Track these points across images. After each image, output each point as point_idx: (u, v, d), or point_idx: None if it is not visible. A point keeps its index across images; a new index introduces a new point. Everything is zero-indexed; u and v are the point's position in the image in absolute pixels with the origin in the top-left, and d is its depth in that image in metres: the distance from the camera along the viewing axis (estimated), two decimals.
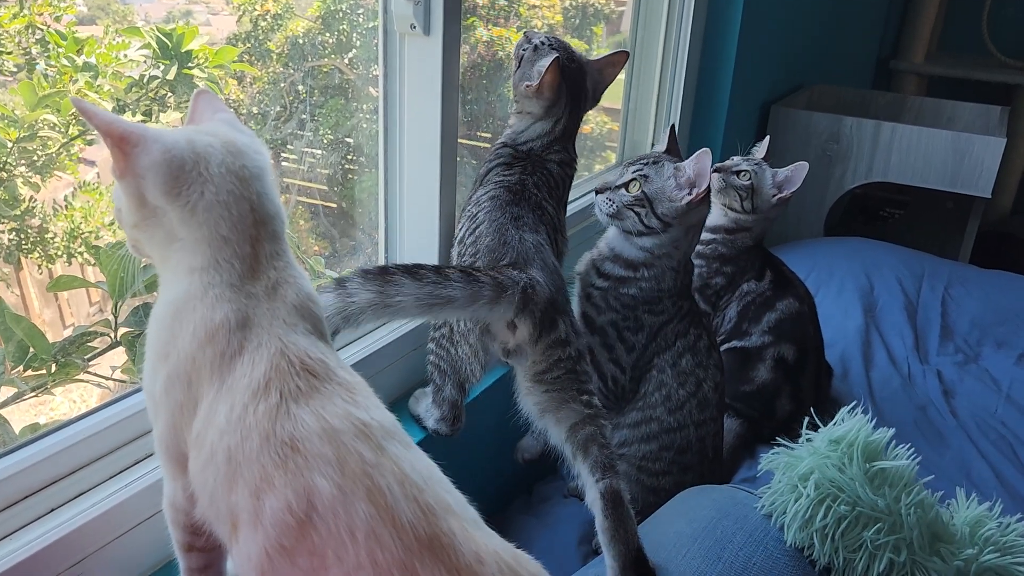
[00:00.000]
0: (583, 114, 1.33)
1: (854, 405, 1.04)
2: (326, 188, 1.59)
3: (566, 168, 1.30)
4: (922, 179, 2.54)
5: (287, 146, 1.51)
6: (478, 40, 1.89)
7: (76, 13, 1.21)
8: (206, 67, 1.31)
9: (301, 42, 1.50)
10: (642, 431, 1.28)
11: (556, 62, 1.23)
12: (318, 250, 1.63)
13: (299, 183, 1.56)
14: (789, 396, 1.56)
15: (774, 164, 1.60)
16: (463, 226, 1.21)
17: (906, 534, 0.93)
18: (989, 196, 2.50)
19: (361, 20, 1.50)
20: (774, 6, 2.49)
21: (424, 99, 1.30)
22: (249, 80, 1.46)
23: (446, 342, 1.17)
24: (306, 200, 1.58)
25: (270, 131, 1.46)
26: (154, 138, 0.73)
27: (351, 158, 1.59)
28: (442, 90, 1.28)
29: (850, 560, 0.94)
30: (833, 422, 1.02)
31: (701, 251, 1.58)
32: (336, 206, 1.62)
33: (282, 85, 1.49)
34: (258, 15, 1.46)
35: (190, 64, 1.29)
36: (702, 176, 1.19)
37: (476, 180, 1.29)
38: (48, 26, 1.17)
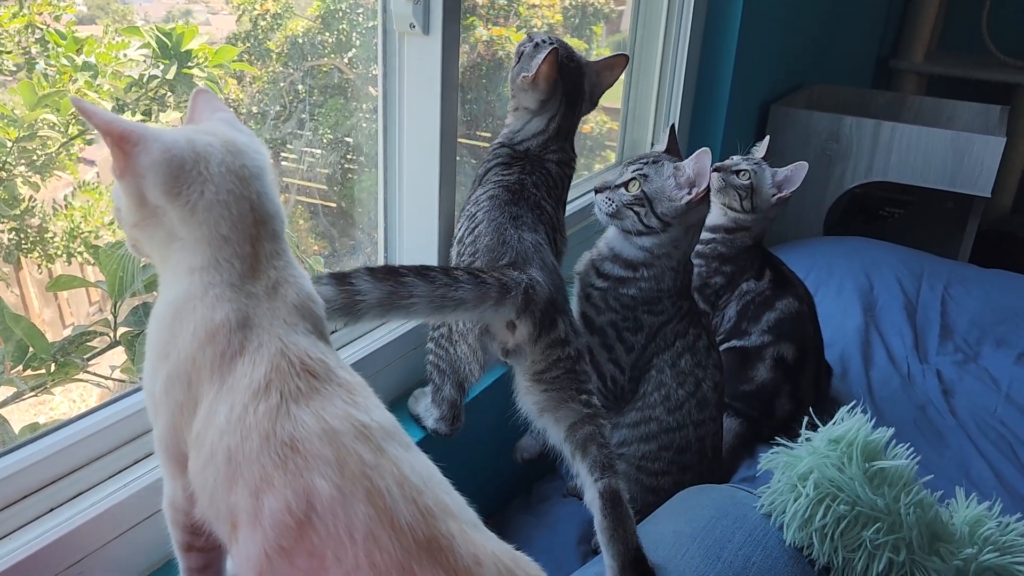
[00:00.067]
0: (580, 115, 1.32)
1: (853, 405, 1.04)
2: (325, 187, 1.59)
3: (564, 167, 1.30)
4: (922, 178, 2.54)
5: (287, 146, 1.51)
6: (478, 40, 1.89)
7: (76, 12, 1.20)
8: (206, 67, 1.31)
9: (301, 41, 1.50)
10: (641, 431, 1.28)
11: (553, 53, 1.23)
12: (317, 250, 1.63)
13: (298, 183, 1.56)
14: (788, 395, 1.56)
15: (774, 164, 1.60)
16: (462, 226, 1.21)
17: (905, 534, 0.93)
18: (989, 195, 2.50)
19: (361, 19, 1.50)
20: (774, 5, 2.48)
21: (423, 98, 1.30)
22: (249, 80, 1.46)
23: (445, 342, 1.17)
24: (305, 200, 1.58)
25: (269, 131, 1.46)
26: (154, 137, 0.73)
27: (351, 157, 1.59)
28: (441, 89, 1.28)
29: (849, 560, 0.94)
30: (832, 422, 1.02)
31: (700, 250, 1.58)
32: (335, 205, 1.62)
33: (282, 85, 1.49)
34: (258, 14, 1.46)
35: (190, 64, 1.29)
36: (702, 175, 1.19)
37: (475, 180, 1.29)
38: (48, 25, 1.17)
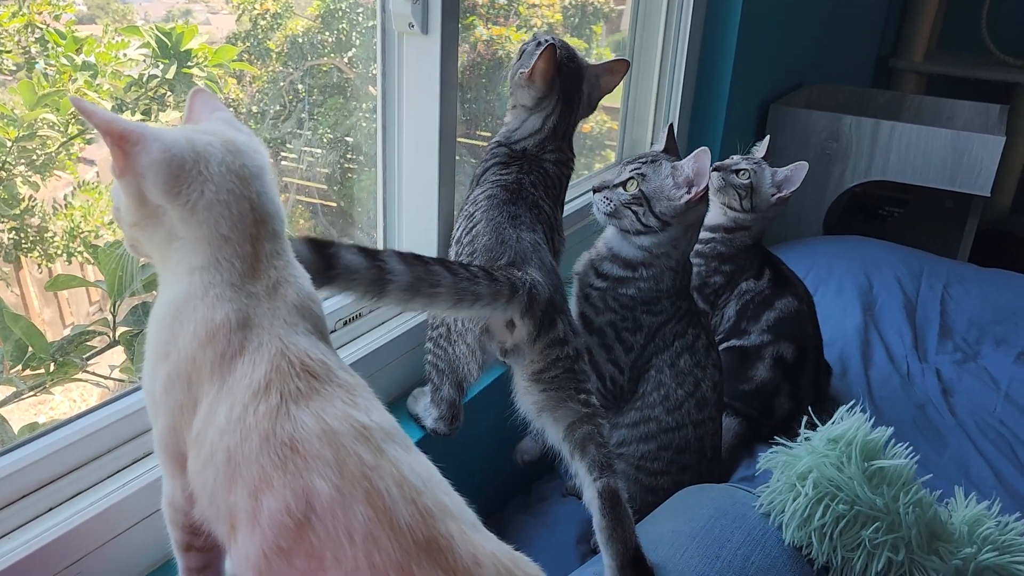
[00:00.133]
0: (577, 117, 1.32)
1: (852, 404, 1.03)
2: (325, 187, 1.59)
3: (562, 167, 1.30)
4: (921, 178, 2.54)
5: (286, 145, 1.51)
6: (478, 39, 1.89)
7: (75, 12, 1.20)
8: (205, 66, 1.31)
9: (300, 41, 1.50)
10: (640, 431, 1.28)
11: (550, 49, 1.23)
12: None
13: (298, 182, 1.56)
14: (788, 395, 1.56)
15: (773, 163, 1.60)
16: (460, 225, 1.21)
17: (904, 533, 0.93)
18: (988, 195, 2.50)
19: (360, 19, 1.50)
20: (773, 5, 2.48)
21: (422, 98, 1.30)
22: (248, 79, 1.46)
23: (443, 341, 1.17)
24: (305, 199, 1.58)
25: (269, 130, 1.46)
26: (153, 136, 0.73)
27: (350, 157, 1.59)
28: (440, 89, 1.28)
29: (848, 559, 0.94)
30: (831, 421, 1.02)
31: (700, 250, 1.58)
32: (335, 205, 1.62)
33: (281, 84, 1.49)
34: (257, 14, 1.46)
35: (189, 63, 1.29)
36: (701, 175, 1.19)
37: (472, 179, 1.29)
38: (47, 25, 1.17)
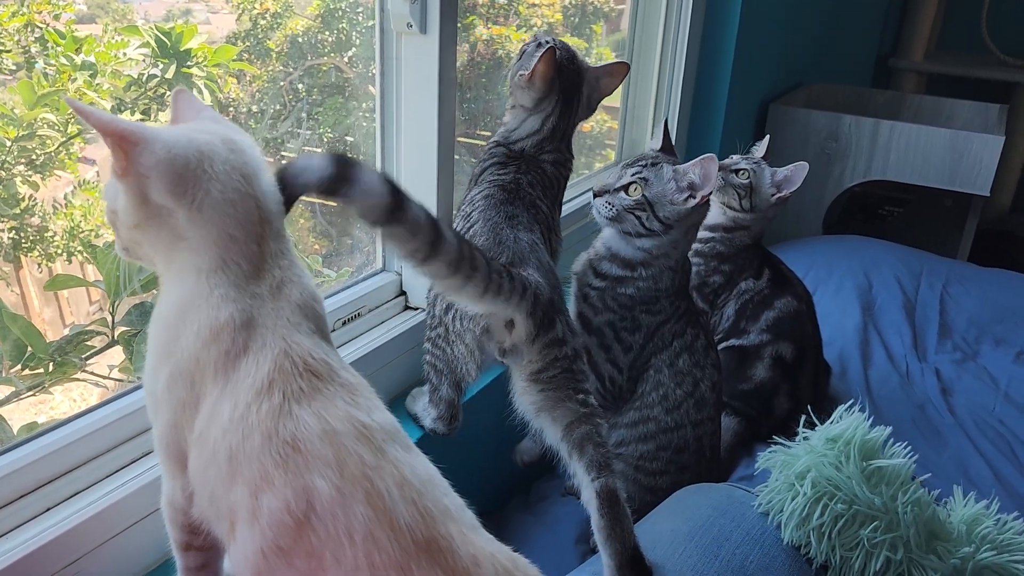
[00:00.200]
0: (576, 118, 1.31)
1: (851, 403, 1.03)
2: None
3: (560, 168, 1.30)
4: (921, 177, 2.54)
5: (286, 144, 1.51)
6: (477, 39, 1.89)
7: (75, 12, 1.20)
8: (205, 66, 1.31)
9: (300, 40, 1.50)
10: (639, 431, 1.28)
11: (550, 51, 1.23)
12: (317, 248, 1.63)
13: None
14: (787, 394, 1.56)
15: (773, 163, 1.60)
16: (458, 225, 1.21)
17: (903, 532, 0.93)
18: (988, 194, 2.50)
19: (360, 19, 1.50)
20: (773, 4, 2.48)
21: (421, 98, 1.30)
22: (248, 79, 1.46)
23: (442, 341, 1.17)
24: (305, 198, 1.58)
25: (269, 130, 1.46)
26: (155, 137, 0.73)
27: (351, 156, 1.59)
28: (439, 89, 1.28)
29: (847, 558, 0.94)
30: (830, 420, 1.02)
31: (699, 249, 1.58)
32: (336, 204, 1.61)
33: (281, 84, 1.49)
34: (257, 13, 1.46)
35: (189, 63, 1.29)
36: (707, 181, 1.18)
37: (471, 179, 1.29)
38: (47, 24, 1.17)
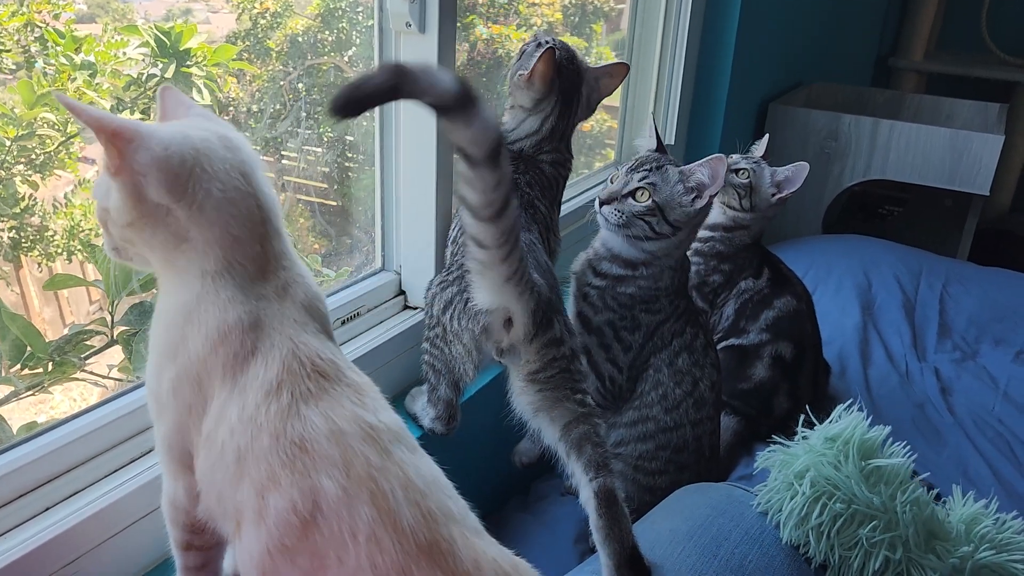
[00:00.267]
0: (575, 119, 1.31)
1: (850, 403, 1.04)
2: (325, 186, 1.59)
3: (559, 168, 1.30)
4: (921, 176, 2.54)
5: (286, 144, 1.51)
6: (477, 38, 1.89)
7: (75, 11, 1.20)
8: (204, 65, 1.31)
9: (300, 40, 1.50)
10: (639, 430, 1.28)
11: (549, 52, 1.23)
12: (317, 248, 1.63)
13: (297, 181, 1.57)
14: (787, 394, 1.56)
15: (772, 162, 1.60)
16: (456, 225, 1.21)
17: (902, 531, 0.93)
18: (987, 193, 2.50)
19: (360, 18, 1.50)
20: (773, 3, 2.48)
21: None
22: (248, 78, 1.46)
23: (440, 341, 1.17)
24: (304, 198, 1.58)
25: (269, 129, 1.46)
26: (149, 133, 0.71)
27: (350, 156, 1.59)
28: None
29: (846, 558, 0.94)
30: (829, 420, 1.02)
31: (699, 248, 1.58)
32: (335, 204, 1.62)
33: (281, 83, 1.49)
34: (257, 13, 1.46)
35: (188, 62, 1.29)
36: (716, 180, 1.19)
37: None
38: (47, 24, 1.17)
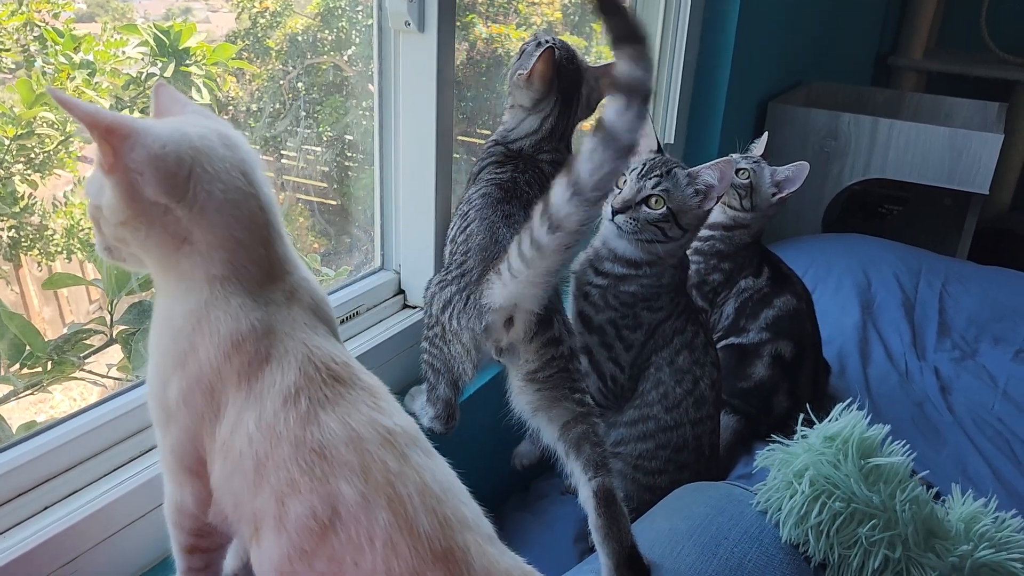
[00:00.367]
0: (575, 119, 1.31)
1: (850, 402, 1.04)
2: (324, 185, 1.59)
3: (559, 167, 1.29)
4: (920, 175, 2.54)
5: (286, 143, 1.51)
6: (477, 37, 1.89)
7: (74, 10, 1.20)
8: (204, 64, 1.31)
9: (300, 39, 1.50)
10: (639, 429, 1.28)
11: (550, 51, 1.23)
12: (316, 247, 1.63)
13: (296, 180, 1.57)
14: (786, 393, 1.56)
15: (772, 161, 1.60)
16: (455, 224, 1.21)
17: (901, 530, 0.93)
18: (987, 192, 2.50)
19: (360, 17, 1.50)
20: (772, 2, 2.48)
21: (419, 96, 1.30)
22: (248, 77, 1.46)
23: (439, 340, 1.17)
24: (304, 197, 1.58)
25: (268, 128, 1.46)
26: (145, 130, 0.69)
27: (350, 155, 1.59)
28: (437, 87, 1.28)
29: (845, 556, 0.94)
30: (828, 419, 1.02)
31: (699, 247, 1.58)
32: (335, 203, 1.62)
33: (281, 82, 1.49)
34: (257, 12, 1.46)
35: (188, 61, 1.29)
36: (724, 182, 1.21)
37: (469, 178, 1.29)
38: (46, 23, 1.17)
